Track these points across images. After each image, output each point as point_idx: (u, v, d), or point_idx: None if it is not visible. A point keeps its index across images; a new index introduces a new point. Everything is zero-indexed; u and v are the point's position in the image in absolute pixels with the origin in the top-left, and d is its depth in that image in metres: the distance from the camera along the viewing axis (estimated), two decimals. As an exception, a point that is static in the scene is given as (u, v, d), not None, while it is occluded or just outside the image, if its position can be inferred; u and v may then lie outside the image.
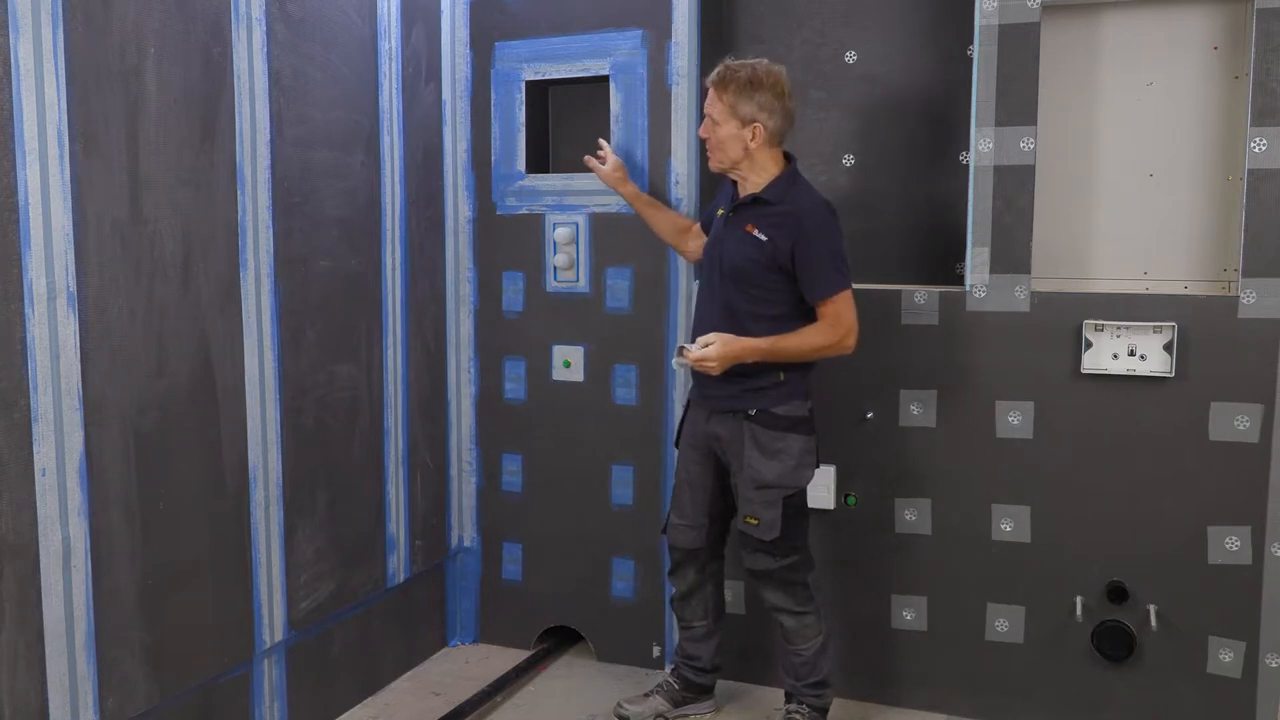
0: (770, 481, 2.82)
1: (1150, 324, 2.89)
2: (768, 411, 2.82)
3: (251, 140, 2.70)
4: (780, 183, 2.83)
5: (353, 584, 3.17)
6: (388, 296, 3.28)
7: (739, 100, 2.78)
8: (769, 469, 2.82)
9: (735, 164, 2.84)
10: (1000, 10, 2.94)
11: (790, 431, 2.83)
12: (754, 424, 2.82)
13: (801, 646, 2.94)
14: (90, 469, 2.29)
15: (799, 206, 2.78)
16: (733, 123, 2.79)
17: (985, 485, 3.08)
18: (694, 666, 3.17)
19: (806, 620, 2.92)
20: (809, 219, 2.75)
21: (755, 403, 2.82)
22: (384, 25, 3.20)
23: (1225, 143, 3.01)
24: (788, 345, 2.76)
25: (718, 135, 2.81)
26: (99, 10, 2.27)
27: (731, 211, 2.88)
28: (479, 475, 3.71)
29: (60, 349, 2.21)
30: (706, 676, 3.19)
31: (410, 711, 3.23)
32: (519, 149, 3.55)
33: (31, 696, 2.19)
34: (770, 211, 2.80)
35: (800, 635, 2.93)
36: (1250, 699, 2.89)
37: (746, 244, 2.80)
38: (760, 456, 2.82)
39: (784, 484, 2.83)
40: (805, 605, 2.91)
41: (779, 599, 2.92)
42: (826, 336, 2.76)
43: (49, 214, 2.17)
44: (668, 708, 3.16)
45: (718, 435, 2.91)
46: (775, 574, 2.89)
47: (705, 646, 3.15)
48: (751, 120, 2.78)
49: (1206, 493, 2.89)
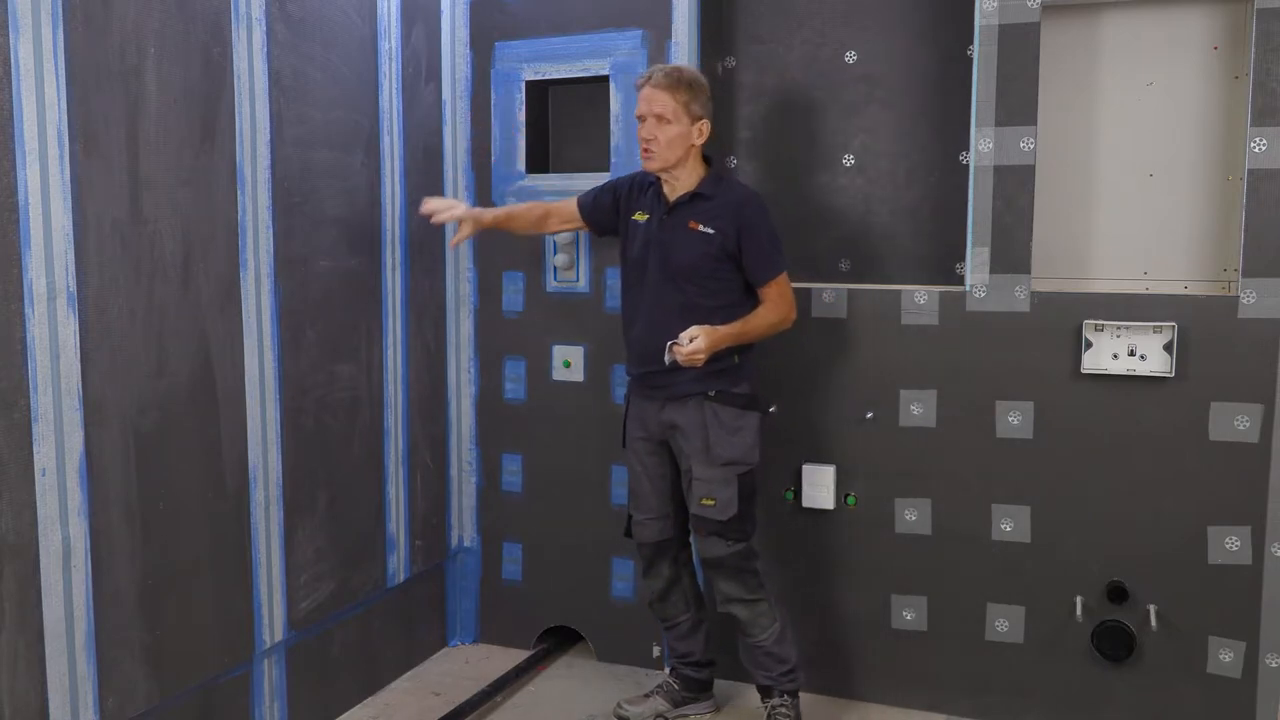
0: (734, 458, 2.90)
1: (1150, 324, 2.89)
2: (727, 392, 2.92)
3: (251, 140, 2.70)
4: (713, 178, 2.96)
5: (353, 584, 3.17)
6: (388, 296, 3.28)
7: (692, 99, 2.87)
8: (732, 446, 2.90)
9: (675, 164, 2.91)
10: (1000, 10, 2.94)
11: (747, 409, 2.94)
12: (715, 404, 2.91)
13: (760, 638, 2.98)
14: (90, 469, 2.29)
15: (737, 196, 2.92)
16: (684, 121, 2.86)
17: (985, 485, 3.08)
18: (689, 663, 3.18)
19: (759, 609, 2.97)
20: (748, 207, 2.90)
21: (715, 384, 2.91)
22: (384, 25, 3.20)
23: (1225, 143, 3.01)
24: (752, 326, 2.89)
25: (666, 135, 2.87)
26: (99, 10, 2.27)
27: (666, 213, 2.94)
28: (479, 475, 3.71)
29: (60, 349, 2.21)
30: (704, 671, 3.20)
31: (410, 711, 3.23)
32: (519, 149, 3.55)
33: (31, 696, 2.19)
34: (710, 206, 2.90)
35: (755, 625, 2.97)
36: (1250, 699, 2.89)
37: (694, 240, 2.89)
38: (724, 435, 2.90)
39: (745, 460, 2.92)
40: (756, 593, 2.97)
41: (731, 588, 2.96)
42: (779, 313, 2.92)
43: (49, 214, 2.17)
44: (667, 708, 3.17)
45: (674, 423, 2.96)
46: (727, 561, 2.94)
47: (694, 641, 3.17)
48: (700, 118, 2.89)
49: (1206, 493, 2.89)
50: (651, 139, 2.87)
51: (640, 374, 3.02)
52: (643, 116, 2.89)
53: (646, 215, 2.99)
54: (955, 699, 3.18)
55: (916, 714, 3.20)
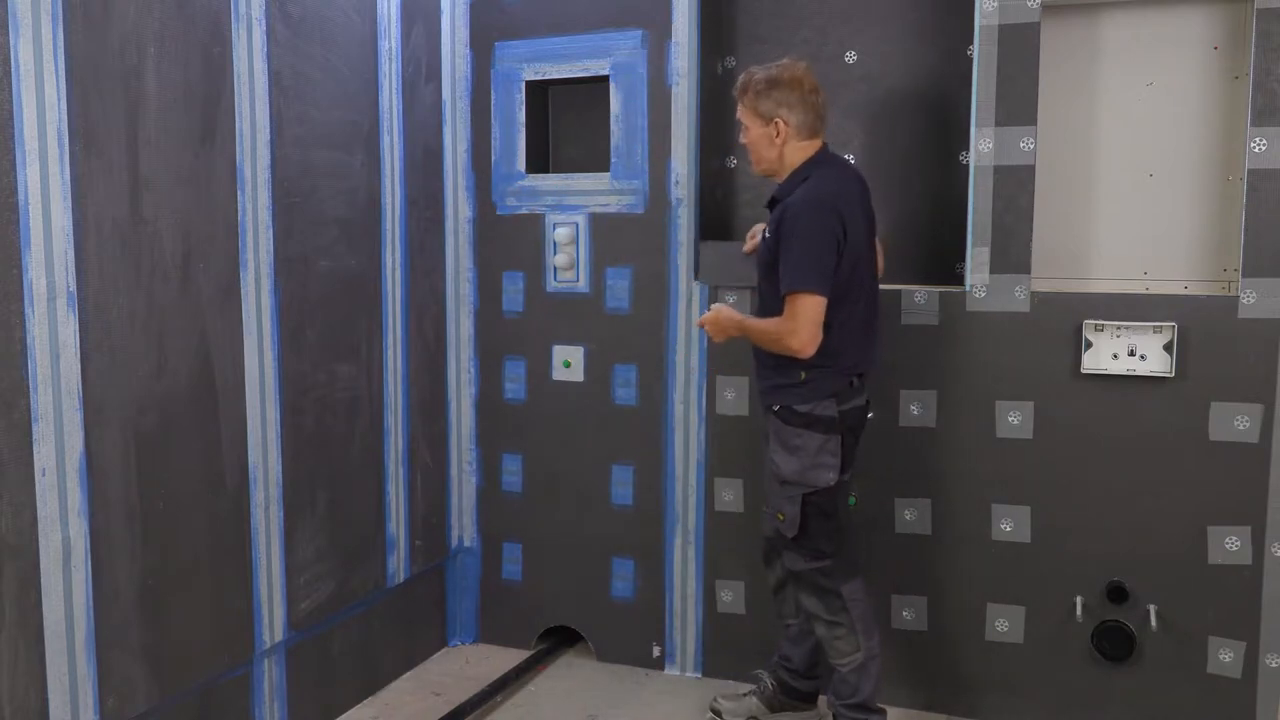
0: (787, 477, 2.80)
1: (1150, 324, 2.89)
2: (789, 408, 2.81)
3: (251, 140, 2.70)
4: (792, 179, 2.81)
5: (353, 584, 3.17)
6: (388, 296, 3.28)
7: (758, 100, 2.80)
8: (787, 464, 2.79)
9: (773, 165, 2.84)
10: (1000, 10, 2.94)
11: (807, 429, 2.77)
12: (777, 419, 2.83)
13: (839, 661, 2.86)
14: (90, 469, 2.29)
15: (792, 199, 2.74)
16: (757, 123, 2.81)
17: (985, 485, 3.08)
18: (787, 668, 3.10)
19: (838, 632, 2.84)
20: (788, 211, 2.71)
21: (779, 399, 2.82)
22: (384, 25, 3.20)
23: (1225, 143, 3.01)
24: (755, 327, 2.81)
25: (750, 139, 2.85)
26: (99, 10, 2.27)
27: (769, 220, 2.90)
28: (479, 475, 3.71)
29: (60, 349, 2.21)
30: (803, 681, 3.10)
31: (410, 711, 3.23)
32: (519, 149, 3.55)
33: (31, 696, 2.19)
34: (775, 210, 2.82)
35: (833, 647, 2.86)
36: (1250, 699, 2.89)
37: (763, 244, 2.84)
38: (782, 451, 2.81)
39: (801, 481, 2.78)
40: (837, 615, 2.84)
41: (811, 604, 2.87)
42: (776, 327, 2.71)
43: (49, 214, 2.17)
44: (764, 711, 3.10)
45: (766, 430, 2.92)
46: (805, 576, 2.85)
47: (799, 648, 3.08)
48: (772, 117, 2.79)
49: (1206, 493, 2.89)
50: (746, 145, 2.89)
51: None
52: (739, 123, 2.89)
53: None
54: (955, 699, 3.18)
55: (916, 714, 3.20)
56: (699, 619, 3.46)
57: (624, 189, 3.42)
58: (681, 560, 3.45)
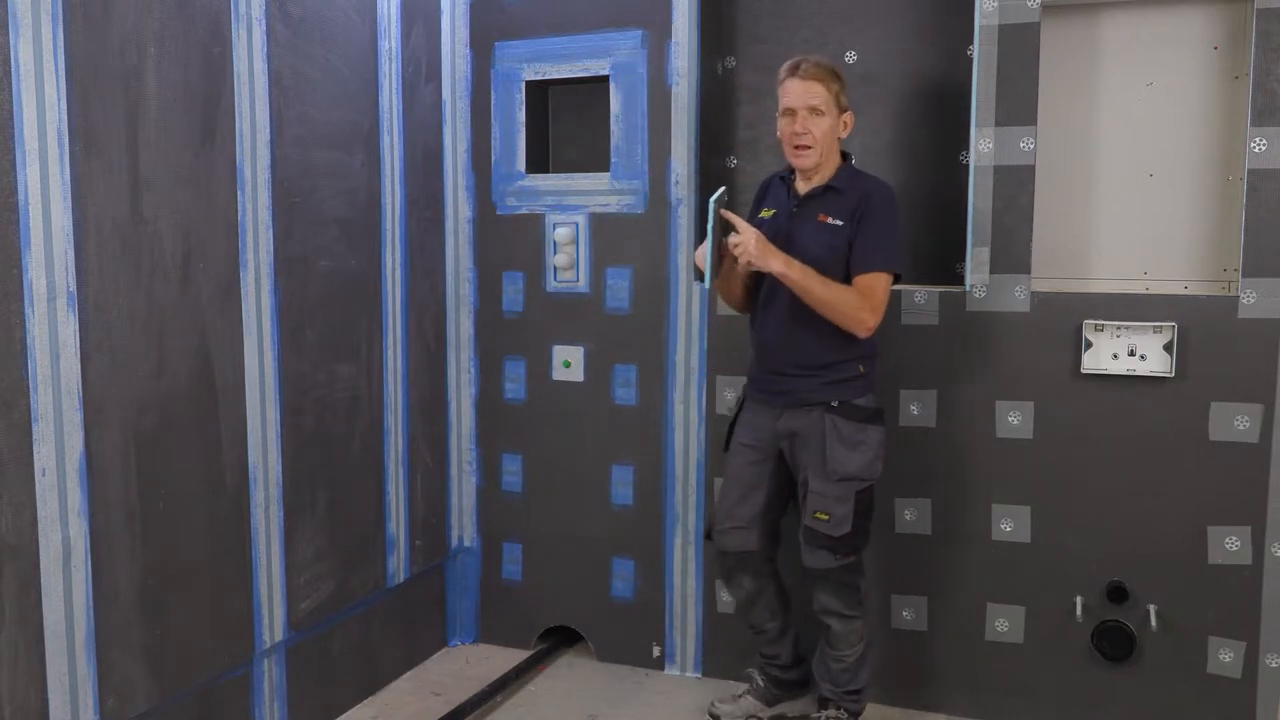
0: (853, 473, 2.78)
1: (1150, 324, 2.89)
2: (849, 403, 2.80)
3: (251, 140, 2.70)
4: (848, 170, 2.84)
5: (353, 584, 3.17)
6: (388, 296, 3.28)
7: (842, 90, 2.79)
8: (851, 460, 2.78)
9: (823, 157, 2.80)
10: (1000, 10, 2.94)
11: (869, 423, 2.81)
12: (836, 415, 2.79)
13: (845, 652, 2.90)
14: (90, 469, 2.29)
15: (867, 186, 2.79)
16: (834, 112, 2.78)
17: (985, 485, 3.08)
18: (776, 665, 3.12)
19: (854, 625, 2.88)
20: (875, 195, 2.76)
21: (837, 395, 2.80)
22: (384, 25, 3.20)
23: (1225, 143, 3.01)
24: (827, 290, 2.68)
25: (820, 127, 2.75)
26: (99, 10, 2.27)
27: (797, 206, 2.84)
28: (479, 475, 3.71)
29: (60, 349, 2.21)
30: (793, 672, 3.13)
31: (410, 711, 3.23)
32: (519, 149, 3.55)
33: (31, 696, 2.19)
34: (841, 199, 2.79)
35: (845, 640, 2.89)
36: (1250, 699, 2.89)
37: (824, 232, 2.77)
38: (843, 449, 2.78)
39: (865, 475, 2.80)
40: (854, 609, 2.88)
41: (831, 601, 2.87)
42: (853, 300, 2.70)
43: (49, 214, 2.17)
44: (761, 707, 3.12)
45: (793, 431, 2.85)
46: (833, 574, 2.84)
47: (782, 645, 3.10)
48: (846, 109, 2.81)
49: (1206, 493, 2.89)
50: (805, 133, 2.73)
51: (763, 377, 2.91)
52: (793, 109, 2.74)
53: (773, 210, 2.88)
54: (955, 699, 3.17)
55: (916, 714, 3.20)
56: (699, 619, 3.46)
57: (624, 189, 3.42)
58: (681, 560, 3.45)
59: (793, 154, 2.79)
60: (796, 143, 2.76)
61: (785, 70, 2.79)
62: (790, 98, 2.76)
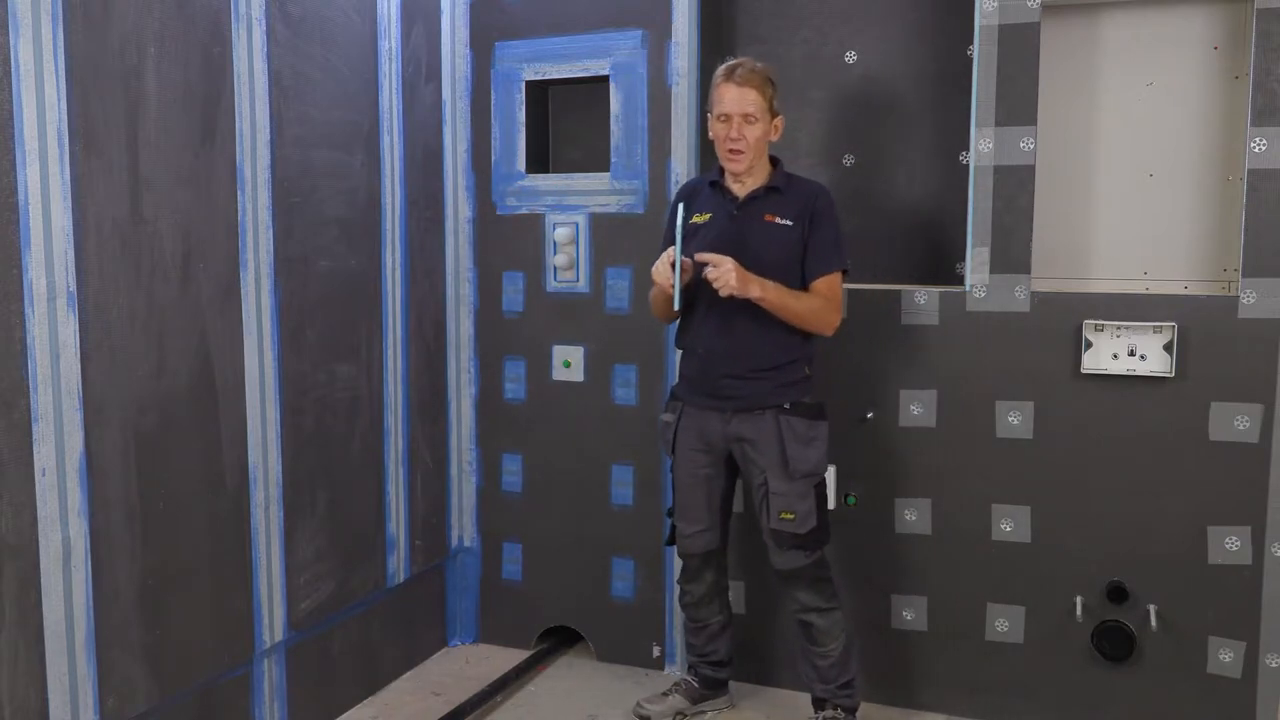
0: (812, 469, 2.85)
1: (1150, 324, 2.89)
2: (801, 403, 2.88)
3: (251, 140, 2.70)
4: (783, 173, 2.92)
5: (353, 584, 3.17)
6: (388, 296, 3.28)
7: (774, 95, 2.84)
8: (807, 457, 2.85)
9: (754, 161, 2.85)
10: (1000, 10, 2.94)
11: (817, 419, 2.89)
12: (791, 416, 2.85)
13: (830, 646, 2.93)
14: (90, 469, 2.29)
15: (810, 188, 2.89)
16: (767, 118, 2.83)
17: (985, 485, 3.08)
18: (712, 662, 3.17)
19: (834, 617, 2.93)
20: (821, 199, 2.86)
21: (788, 396, 2.86)
22: (384, 25, 3.20)
23: (1225, 143, 3.01)
24: (796, 303, 2.78)
25: (754, 134, 2.80)
26: (99, 10, 2.27)
27: (738, 209, 2.86)
28: (479, 475, 3.71)
29: (60, 349, 2.21)
30: (724, 670, 3.20)
31: (410, 711, 3.23)
32: (519, 149, 3.55)
33: (31, 696, 2.19)
34: (784, 199, 2.85)
35: (829, 634, 2.92)
36: (1250, 699, 2.89)
37: (774, 232, 2.82)
38: (800, 447, 2.84)
39: (820, 469, 2.88)
40: (832, 601, 2.93)
41: (809, 598, 2.91)
42: (823, 307, 2.82)
43: (49, 214, 2.17)
44: (686, 705, 3.17)
45: (742, 436, 2.88)
46: (806, 572, 2.89)
47: (721, 640, 3.16)
48: (777, 114, 2.87)
49: (1206, 493, 2.89)
50: (740, 138, 2.78)
51: (704, 382, 2.90)
52: (728, 115, 2.78)
53: (708, 215, 2.88)
54: (955, 699, 3.17)
55: (916, 714, 3.20)
56: (699, 619, 3.45)
57: (624, 189, 3.42)
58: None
59: (726, 157, 2.85)
60: (731, 147, 2.82)
61: (721, 74, 2.83)
62: (725, 104, 2.81)
